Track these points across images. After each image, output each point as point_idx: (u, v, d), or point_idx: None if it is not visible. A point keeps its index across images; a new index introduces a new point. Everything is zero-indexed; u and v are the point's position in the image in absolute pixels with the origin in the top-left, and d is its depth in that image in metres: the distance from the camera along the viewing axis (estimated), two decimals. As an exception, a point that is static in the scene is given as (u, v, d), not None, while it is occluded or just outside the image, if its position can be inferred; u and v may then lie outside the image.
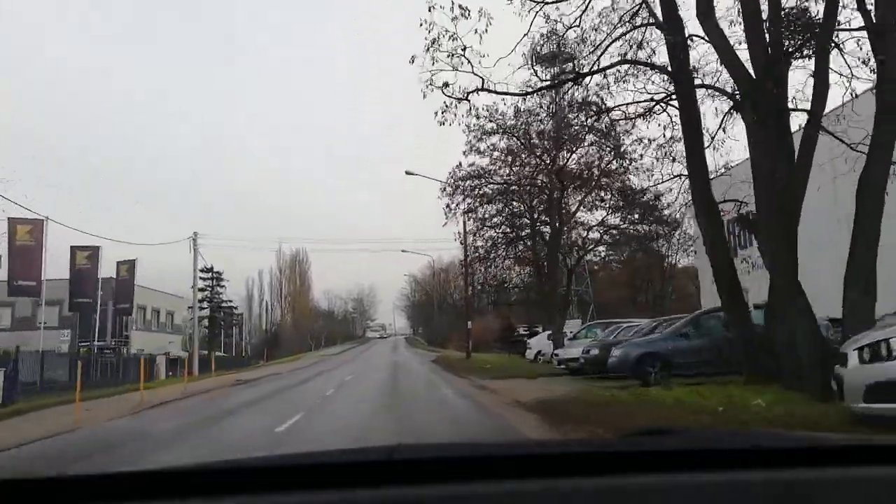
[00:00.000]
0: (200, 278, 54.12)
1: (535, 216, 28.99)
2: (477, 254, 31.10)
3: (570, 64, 13.82)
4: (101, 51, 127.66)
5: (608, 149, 25.97)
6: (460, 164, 27.67)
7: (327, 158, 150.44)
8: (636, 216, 28.95)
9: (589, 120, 15.45)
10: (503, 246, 30.73)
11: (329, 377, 26.96)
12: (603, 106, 13.27)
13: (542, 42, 13.40)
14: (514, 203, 29.02)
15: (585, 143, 26.08)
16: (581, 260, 35.49)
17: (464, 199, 28.15)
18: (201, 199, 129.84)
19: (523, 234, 30.13)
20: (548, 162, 26.06)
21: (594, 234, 31.52)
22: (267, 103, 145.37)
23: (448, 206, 28.19)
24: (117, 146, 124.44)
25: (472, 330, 37.52)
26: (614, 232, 30.92)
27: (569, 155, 26.11)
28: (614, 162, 26.26)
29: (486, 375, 21.53)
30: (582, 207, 28.81)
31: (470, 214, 29.88)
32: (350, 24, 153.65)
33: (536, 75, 13.42)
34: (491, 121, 27.09)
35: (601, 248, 40.50)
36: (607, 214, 29.76)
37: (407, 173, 35.69)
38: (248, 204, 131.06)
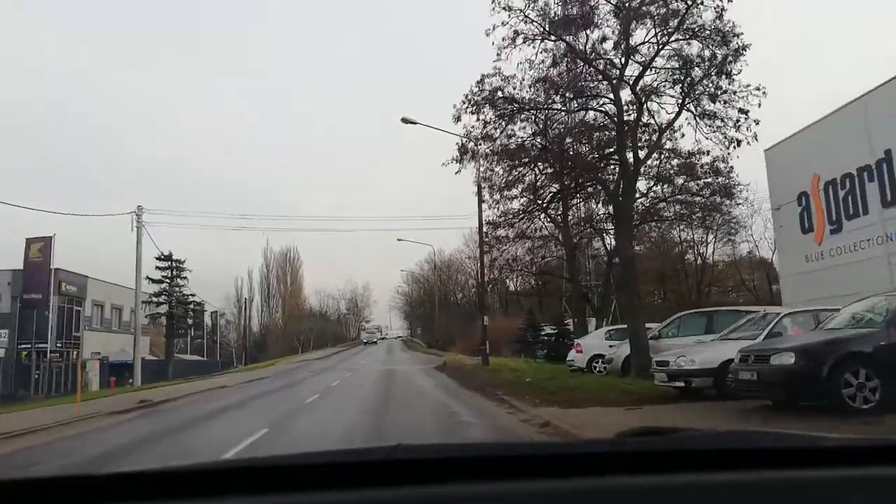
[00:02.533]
0: (158, 268, 47.24)
1: (597, 161, 20.17)
2: (502, 219, 22.46)
3: None
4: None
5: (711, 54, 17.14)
6: (482, 79, 18.65)
7: (324, 155, 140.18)
8: (702, 183, 20.66)
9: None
10: (540, 212, 22.26)
11: (286, 395, 18.13)
12: None
13: None
14: (549, 158, 20.20)
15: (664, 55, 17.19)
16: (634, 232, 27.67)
17: (487, 136, 19.19)
18: (184, 196, 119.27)
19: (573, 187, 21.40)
20: (617, 66, 16.99)
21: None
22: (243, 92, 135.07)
23: (463, 145, 19.33)
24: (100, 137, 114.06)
25: (487, 327, 28.58)
26: (662, 205, 23.03)
27: (653, 51, 16.99)
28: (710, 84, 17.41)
29: (535, 398, 12.46)
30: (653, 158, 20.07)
31: (490, 169, 21.27)
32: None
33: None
34: (527, 21, 18.20)
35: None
36: (656, 183, 21.68)
37: (403, 121, 27.33)
38: (233, 198, 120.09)
